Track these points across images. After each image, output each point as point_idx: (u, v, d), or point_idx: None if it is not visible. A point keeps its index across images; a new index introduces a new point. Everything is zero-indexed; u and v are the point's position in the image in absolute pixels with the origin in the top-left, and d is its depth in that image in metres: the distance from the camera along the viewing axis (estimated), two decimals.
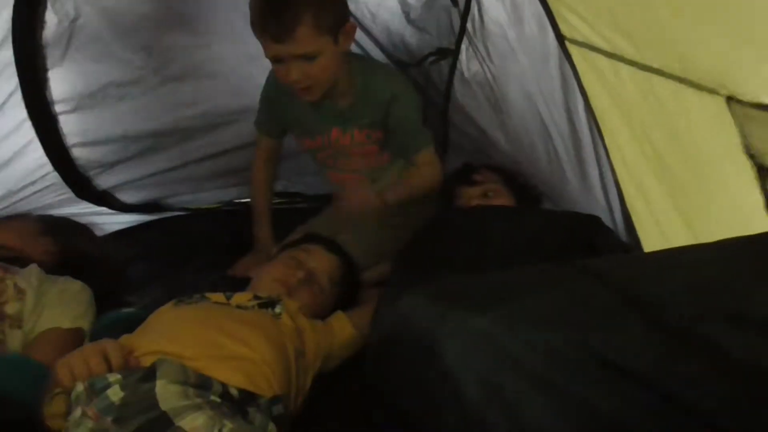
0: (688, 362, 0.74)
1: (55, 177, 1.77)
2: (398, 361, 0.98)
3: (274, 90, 1.70)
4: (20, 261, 1.45)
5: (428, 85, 1.89)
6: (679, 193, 1.29)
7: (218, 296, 1.29)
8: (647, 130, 1.29)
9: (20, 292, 1.33)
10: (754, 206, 1.07)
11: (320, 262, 1.48)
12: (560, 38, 1.40)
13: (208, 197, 2.09)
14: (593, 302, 0.87)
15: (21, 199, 1.74)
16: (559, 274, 0.98)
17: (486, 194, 1.66)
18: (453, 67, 1.79)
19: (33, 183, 1.75)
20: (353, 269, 1.57)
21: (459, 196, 1.69)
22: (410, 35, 1.82)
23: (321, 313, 1.41)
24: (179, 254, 1.83)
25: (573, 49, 1.39)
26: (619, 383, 0.74)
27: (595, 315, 0.85)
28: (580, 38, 1.36)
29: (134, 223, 1.99)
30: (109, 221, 1.94)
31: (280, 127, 1.79)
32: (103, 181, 1.87)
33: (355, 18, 1.74)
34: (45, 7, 1.57)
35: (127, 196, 1.94)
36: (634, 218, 1.42)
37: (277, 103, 1.72)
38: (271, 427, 1.04)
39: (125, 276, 1.71)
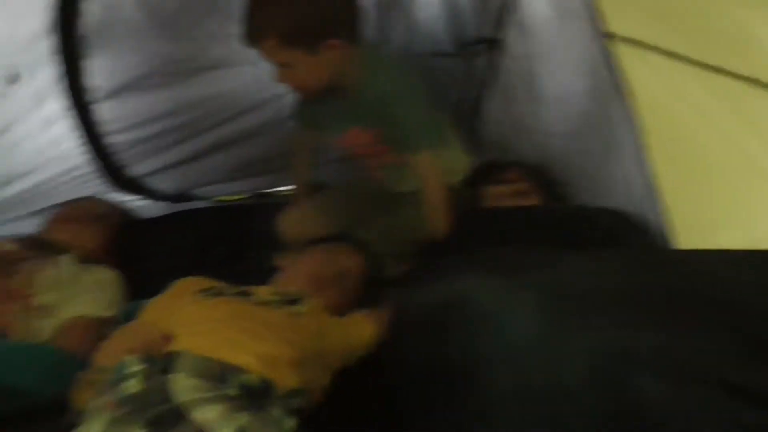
0: None
1: (90, 166, 1.80)
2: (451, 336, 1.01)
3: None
4: (57, 248, 1.48)
5: (467, 76, 1.85)
6: (729, 196, 1.23)
7: (240, 289, 1.29)
8: (694, 129, 1.24)
9: (51, 284, 1.36)
10: None
11: (350, 261, 1.48)
12: (603, 33, 1.35)
13: (237, 187, 2.10)
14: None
15: (57, 186, 1.78)
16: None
17: (516, 194, 1.63)
18: (493, 58, 1.75)
19: (69, 171, 1.78)
20: (378, 270, 1.56)
21: (486, 196, 1.65)
22: (450, 24, 1.79)
23: (344, 312, 1.40)
24: (203, 245, 1.84)
25: (617, 45, 1.35)
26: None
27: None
28: (625, 33, 1.32)
29: (159, 213, 2.02)
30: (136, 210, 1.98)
31: (314, 121, 1.78)
32: (136, 170, 1.89)
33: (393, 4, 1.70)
34: None
35: (157, 185, 1.96)
36: (671, 218, 1.37)
37: (303, 104, 1.74)
38: (289, 420, 1.03)
39: (150, 265, 1.72)
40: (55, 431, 0.97)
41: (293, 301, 1.27)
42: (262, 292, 1.29)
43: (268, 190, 2.13)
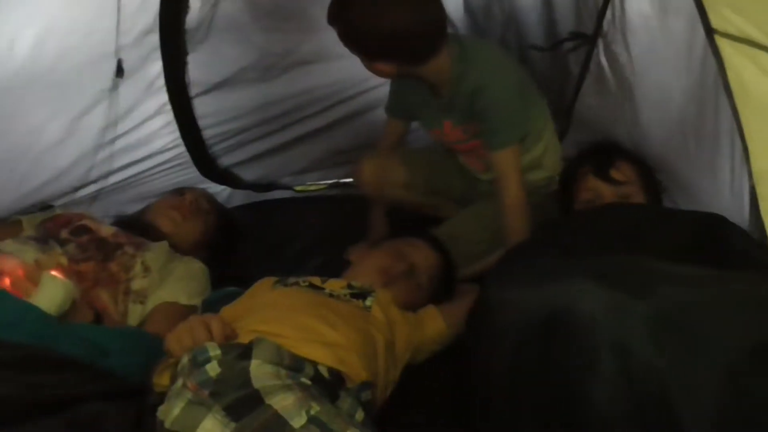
0: None
1: (184, 157, 1.89)
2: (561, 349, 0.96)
3: (399, 84, 1.73)
4: (155, 235, 1.55)
5: (561, 72, 1.80)
6: None
7: (314, 280, 1.33)
8: None
9: (146, 270, 1.43)
10: None
11: (423, 257, 1.48)
12: (710, 31, 1.27)
13: (318, 177, 2.14)
14: None
15: (155, 175, 1.87)
16: None
17: (623, 196, 1.48)
18: (590, 54, 1.70)
19: (163, 162, 1.87)
20: (451, 267, 1.55)
21: (588, 188, 1.52)
22: (546, 18, 1.75)
23: (414, 307, 1.41)
24: (279, 239, 1.89)
25: (723, 43, 1.26)
26: None
27: None
28: (734, 32, 1.23)
29: (241, 203, 2.08)
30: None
31: (407, 114, 1.80)
32: (227, 160, 1.96)
33: None
34: None
35: (243, 174, 2.02)
36: None
37: (402, 91, 1.74)
38: (360, 412, 1.06)
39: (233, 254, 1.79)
40: (139, 411, 1.03)
41: (363, 295, 1.30)
42: (334, 285, 1.32)
43: (347, 180, 2.15)
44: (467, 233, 1.72)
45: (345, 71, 1.88)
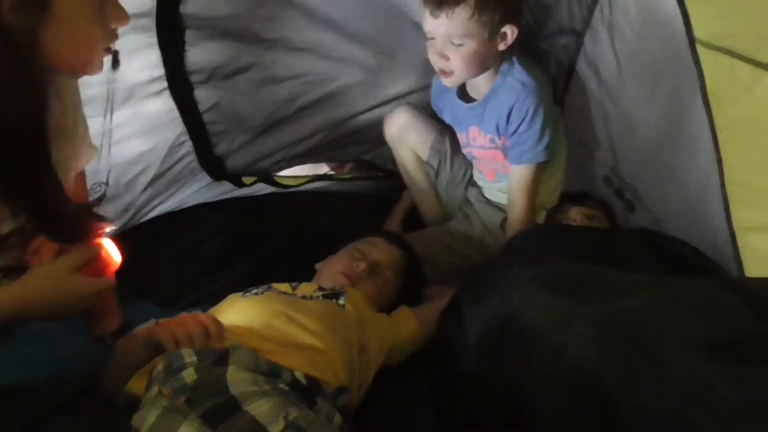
0: None
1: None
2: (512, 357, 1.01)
3: (439, 89, 1.76)
4: None
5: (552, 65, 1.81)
6: None
7: (284, 286, 1.33)
8: None
9: None
10: None
11: (383, 253, 1.49)
12: (692, 40, 1.28)
13: (299, 167, 2.10)
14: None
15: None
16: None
17: (591, 218, 1.69)
18: (577, 50, 1.71)
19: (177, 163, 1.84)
20: (417, 262, 1.57)
21: (563, 211, 1.73)
22: (537, 9, 1.73)
23: (385, 307, 1.43)
24: (248, 241, 1.85)
25: (704, 52, 1.27)
26: None
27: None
28: (716, 42, 1.24)
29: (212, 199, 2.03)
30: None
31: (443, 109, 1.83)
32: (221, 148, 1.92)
33: None
34: None
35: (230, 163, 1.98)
36: (739, 243, 1.31)
37: (438, 95, 1.78)
38: (337, 416, 1.06)
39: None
40: (112, 416, 1.01)
41: (336, 295, 1.30)
42: (305, 288, 1.33)
43: (331, 173, 2.15)
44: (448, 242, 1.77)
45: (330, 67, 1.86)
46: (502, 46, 1.52)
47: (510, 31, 1.50)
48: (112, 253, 1.10)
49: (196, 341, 1.05)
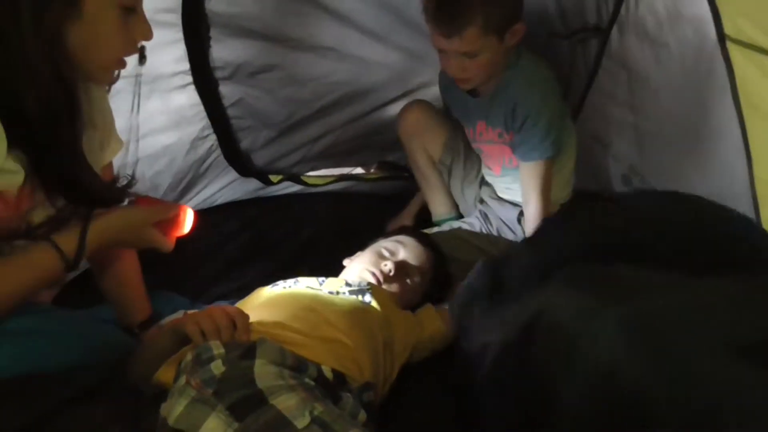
0: None
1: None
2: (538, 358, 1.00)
3: (441, 79, 1.78)
4: None
5: (573, 63, 1.80)
6: None
7: (311, 280, 1.33)
8: None
9: None
10: None
11: (411, 253, 1.48)
12: (722, 37, 1.26)
13: (326, 165, 2.12)
14: None
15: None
16: None
17: None
18: (602, 48, 1.69)
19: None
20: (444, 262, 1.56)
21: None
22: (565, 5, 1.73)
23: (411, 305, 1.43)
24: (282, 234, 1.88)
25: (734, 50, 1.26)
26: None
27: None
28: (745, 39, 1.22)
29: (242, 197, 2.06)
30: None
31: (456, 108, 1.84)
32: (245, 144, 1.94)
33: None
34: None
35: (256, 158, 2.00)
36: None
37: (446, 89, 1.79)
38: (362, 413, 1.06)
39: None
40: (137, 404, 1.02)
41: (362, 291, 1.30)
42: (332, 284, 1.32)
43: (357, 173, 2.16)
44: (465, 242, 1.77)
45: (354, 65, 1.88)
46: (511, 43, 1.53)
47: (518, 29, 1.51)
48: (186, 221, 1.19)
49: (223, 333, 1.05)
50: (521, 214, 1.77)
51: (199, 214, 1.57)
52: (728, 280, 1.11)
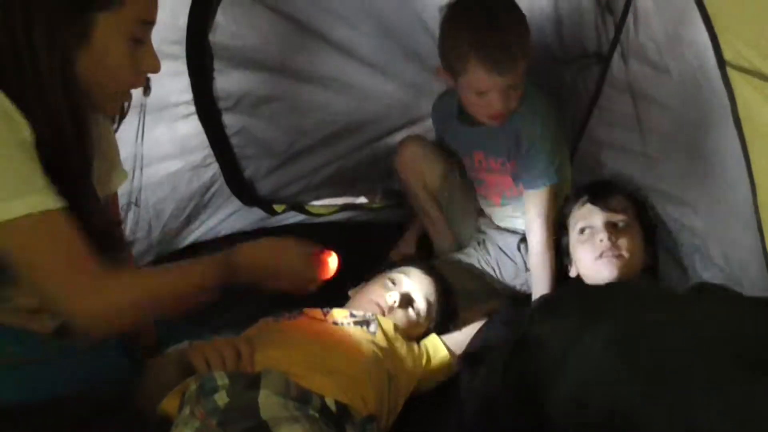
0: None
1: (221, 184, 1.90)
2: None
3: (435, 114, 1.81)
4: None
5: (573, 90, 1.81)
6: None
7: (316, 311, 1.32)
8: None
9: None
10: None
11: (416, 283, 1.47)
12: (722, 63, 1.27)
13: (329, 195, 2.12)
14: None
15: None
16: None
17: (617, 225, 1.53)
18: (603, 75, 1.70)
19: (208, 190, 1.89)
20: (449, 292, 1.54)
21: (583, 217, 1.57)
22: (564, 32, 1.75)
23: (416, 336, 1.41)
24: None
25: (735, 76, 1.27)
26: None
27: None
28: (746, 65, 1.23)
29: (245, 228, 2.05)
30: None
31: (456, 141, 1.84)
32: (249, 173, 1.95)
33: None
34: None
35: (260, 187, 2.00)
36: None
37: (441, 122, 1.81)
38: None
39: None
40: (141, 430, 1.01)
41: (367, 322, 1.29)
42: (336, 314, 1.32)
43: (360, 202, 2.16)
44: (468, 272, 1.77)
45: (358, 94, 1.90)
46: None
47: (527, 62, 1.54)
48: (331, 266, 1.18)
49: (228, 364, 1.05)
50: (521, 241, 1.77)
51: (207, 244, 1.57)
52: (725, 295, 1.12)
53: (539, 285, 1.64)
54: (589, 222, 1.55)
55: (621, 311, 1.11)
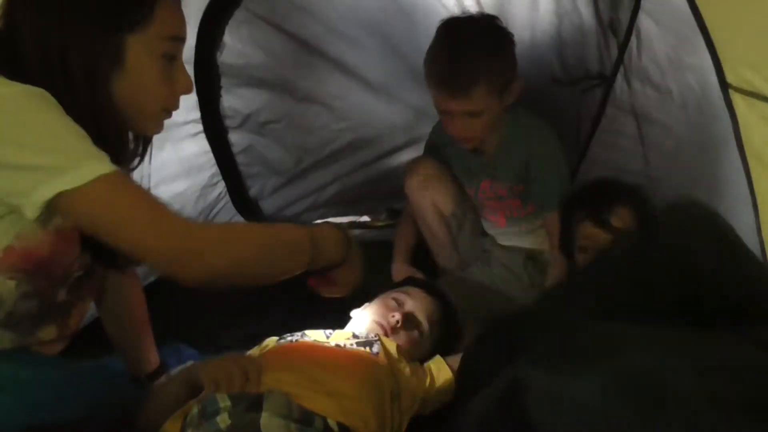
0: None
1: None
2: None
3: (438, 138, 1.81)
4: None
5: (576, 111, 1.82)
6: None
7: (318, 333, 1.33)
8: None
9: None
10: None
11: (419, 304, 1.47)
12: (724, 85, 1.28)
13: (333, 214, 2.14)
14: None
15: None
16: None
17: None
18: (606, 96, 1.72)
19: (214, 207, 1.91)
20: (453, 313, 1.54)
21: (585, 236, 1.53)
22: (567, 53, 1.76)
23: (420, 356, 1.41)
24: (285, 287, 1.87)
25: (737, 98, 1.27)
26: None
27: None
28: (748, 87, 1.23)
29: None
30: None
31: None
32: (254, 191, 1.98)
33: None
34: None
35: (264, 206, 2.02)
36: None
37: (441, 149, 1.82)
38: None
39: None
40: None
41: (369, 343, 1.29)
42: (339, 336, 1.32)
43: (363, 220, 2.18)
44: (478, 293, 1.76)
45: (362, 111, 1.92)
46: (509, 101, 1.56)
47: (515, 87, 1.55)
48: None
49: (236, 384, 1.06)
50: (527, 258, 1.76)
51: None
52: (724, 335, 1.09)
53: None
54: (591, 242, 1.53)
55: (621, 356, 1.06)
